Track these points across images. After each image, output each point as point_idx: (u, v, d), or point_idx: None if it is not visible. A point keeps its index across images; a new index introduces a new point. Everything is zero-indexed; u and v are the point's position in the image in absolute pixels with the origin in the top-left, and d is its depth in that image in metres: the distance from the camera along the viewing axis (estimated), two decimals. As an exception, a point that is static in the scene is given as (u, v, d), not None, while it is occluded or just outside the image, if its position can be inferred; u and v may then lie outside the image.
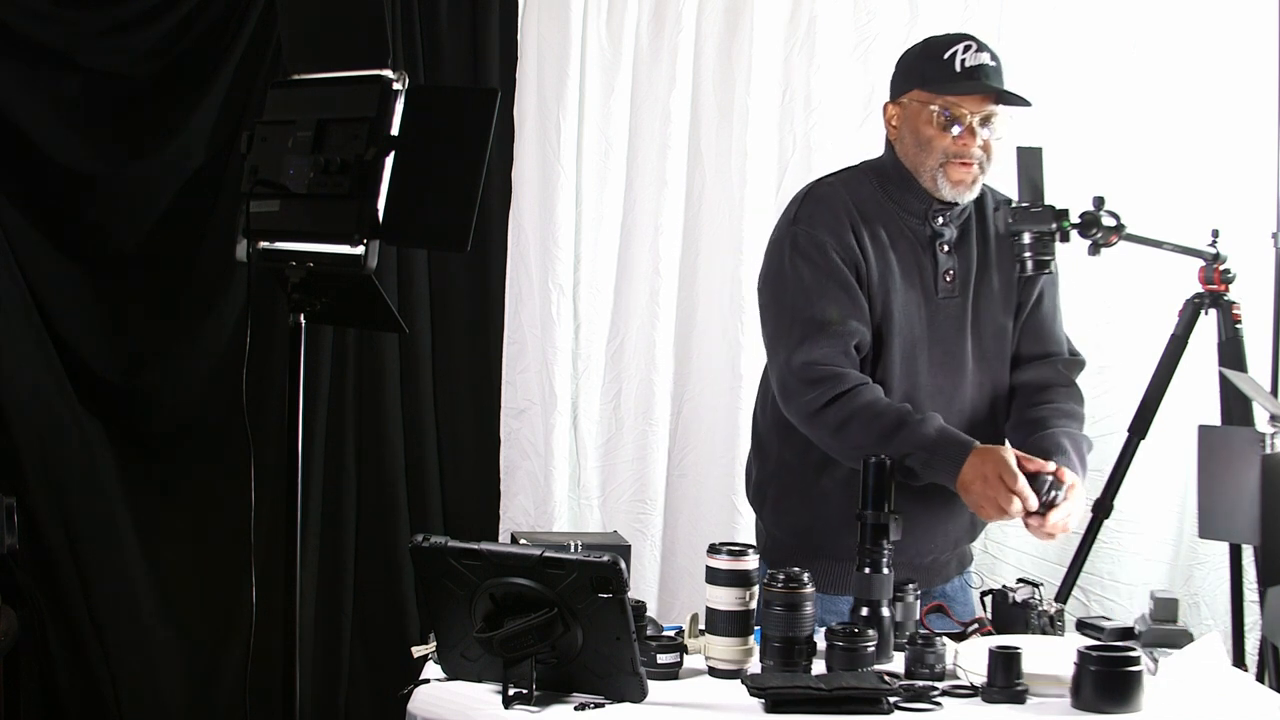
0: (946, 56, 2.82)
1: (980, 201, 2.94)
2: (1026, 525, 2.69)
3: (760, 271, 2.96)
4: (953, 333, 2.90)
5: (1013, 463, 2.66)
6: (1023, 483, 2.64)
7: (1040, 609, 2.69)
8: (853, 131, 4.04)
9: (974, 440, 2.73)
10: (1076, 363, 3.03)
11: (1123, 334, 4.02)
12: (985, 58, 2.83)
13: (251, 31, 4.06)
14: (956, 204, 2.87)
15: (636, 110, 4.14)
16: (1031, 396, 2.97)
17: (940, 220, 2.88)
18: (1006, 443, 2.88)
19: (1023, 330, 2.98)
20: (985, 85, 2.81)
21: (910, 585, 2.65)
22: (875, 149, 2.97)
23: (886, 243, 2.86)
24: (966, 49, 2.83)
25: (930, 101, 2.83)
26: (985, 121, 2.82)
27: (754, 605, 2.50)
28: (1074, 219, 2.95)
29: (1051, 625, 2.69)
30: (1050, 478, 2.67)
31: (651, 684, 2.30)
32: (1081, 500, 2.74)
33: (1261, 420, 2.57)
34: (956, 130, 2.81)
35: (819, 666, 2.46)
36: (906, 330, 2.87)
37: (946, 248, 2.89)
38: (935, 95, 2.82)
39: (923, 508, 2.74)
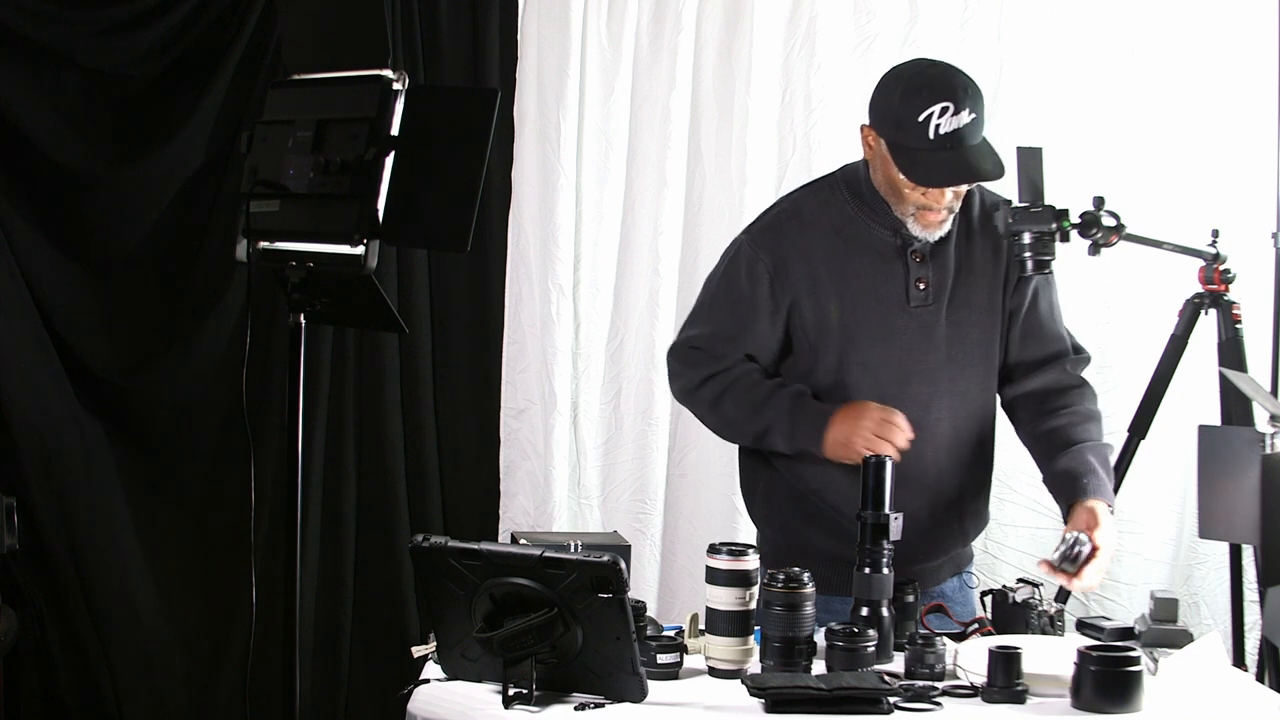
0: (921, 119, 2.71)
1: (965, 202, 2.89)
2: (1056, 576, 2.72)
3: None
4: (925, 342, 2.87)
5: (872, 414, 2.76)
6: (898, 414, 2.74)
7: (1040, 609, 2.69)
8: (853, 131, 4.00)
9: (833, 406, 2.80)
10: (1083, 359, 3.00)
11: (1123, 334, 4.02)
12: (963, 119, 2.71)
13: (251, 31, 4.06)
14: None
15: (636, 110, 4.14)
16: (1044, 403, 2.95)
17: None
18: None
19: (1022, 335, 2.95)
20: (951, 170, 2.73)
21: (910, 585, 2.65)
22: (875, 150, 2.96)
23: (849, 256, 2.85)
24: (944, 111, 2.71)
25: (899, 168, 2.76)
26: None
27: (754, 605, 2.50)
28: (1074, 219, 2.95)
29: (1051, 625, 2.69)
30: (1076, 537, 2.68)
31: (651, 684, 2.31)
32: (1109, 554, 2.74)
33: (1261, 420, 2.57)
34: (926, 189, 2.76)
35: (819, 666, 2.46)
36: (869, 343, 2.85)
37: (919, 257, 2.86)
38: (901, 171, 2.75)
39: (908, 518, 2.73)
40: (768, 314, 2.88)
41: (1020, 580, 2.75)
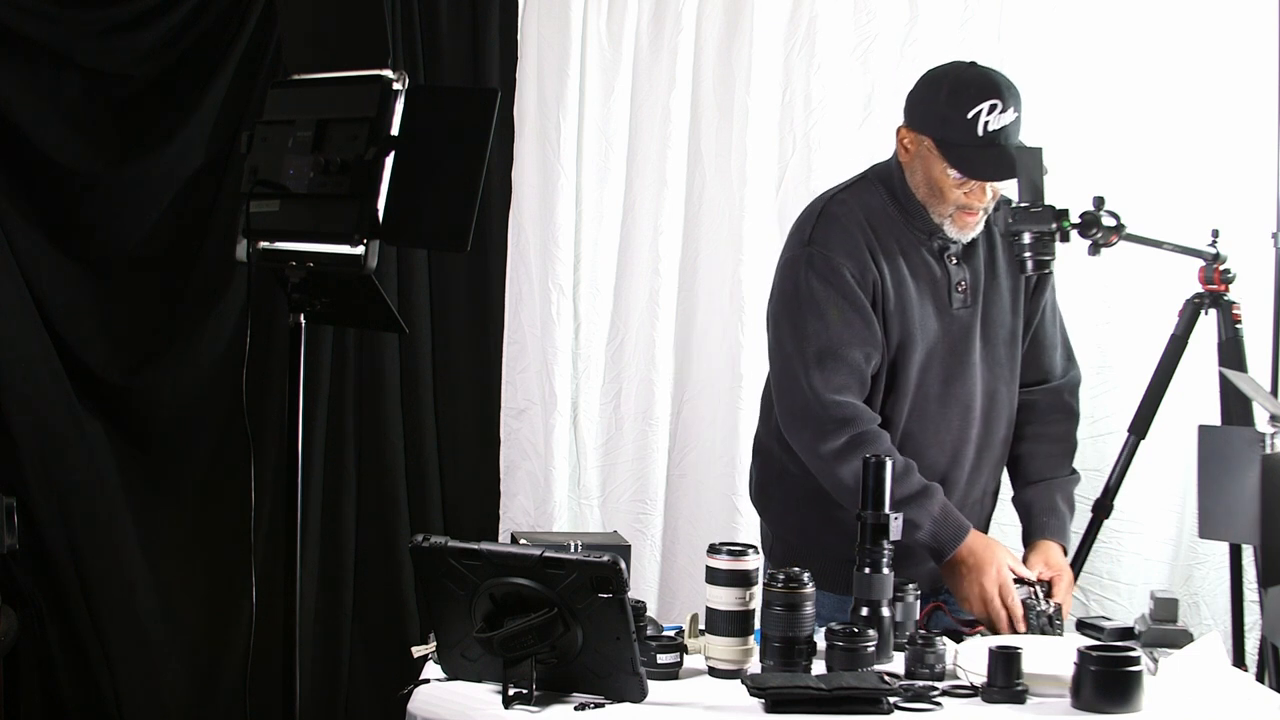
0: (970, 116, 2.74)
1: None
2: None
3: (772, 291, 2.94)
4: (965, 343, 2.90)
5: (1009, 575, 2.75)
6: (1015, 600, 2.74)
7: (1039, 609, 2.69)
8: (853, 131, 4.04)
9: (968, 524, 2.80)
10: (1071, 382, 3.07)
11: (1123, 334, 4.02)
12: (1009, 116, 2.76)
13: (251, 31, 4.06)
14: None
15: (636, 110, 4.14)
16: (1024, 425, 3.02)
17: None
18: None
19: (1028, 346, 3.00)
20: (1001, 165, 2.76)
21: (910, 585, 2.66)
22: (875, 149, 2.97)
23: (900, 258, 2.86)
24: (992, 109, 2.75)
25: (945, 165, 2.79)
26: None
27: (754, 605, 2.50)
28: (1074, 219, 2.95)
29: (1051, 625, 2.69)
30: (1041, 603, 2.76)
31: (651, 684, 2.31)
32: (1066, 579, 2.85)
33: (1261, 420, 2.57)
34: (970, 187, 2.80)
35: (819, 666, 2.46)
36: (925, 344, 2.87)
37: (955, 259, 2.89)
38: (952, 166, 2.78)
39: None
40: (868, 297, 2.83)
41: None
